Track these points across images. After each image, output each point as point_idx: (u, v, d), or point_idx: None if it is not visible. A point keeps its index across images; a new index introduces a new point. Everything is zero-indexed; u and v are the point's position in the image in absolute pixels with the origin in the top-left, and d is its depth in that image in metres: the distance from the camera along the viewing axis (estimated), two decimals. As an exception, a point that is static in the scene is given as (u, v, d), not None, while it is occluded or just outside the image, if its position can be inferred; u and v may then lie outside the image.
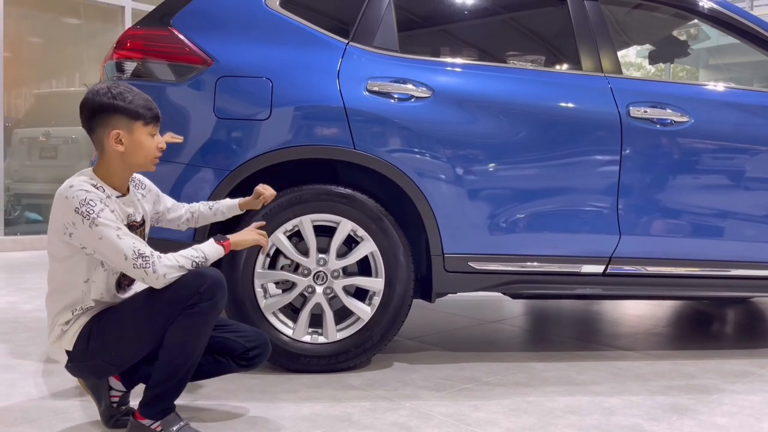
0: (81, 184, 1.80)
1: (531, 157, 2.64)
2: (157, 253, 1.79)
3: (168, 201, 2.19)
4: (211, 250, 1.90)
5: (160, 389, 1.83)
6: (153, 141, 1.89)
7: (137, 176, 2.07)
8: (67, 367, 1.92)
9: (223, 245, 1.94)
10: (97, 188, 1.82)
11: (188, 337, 1.81)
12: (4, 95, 6.10)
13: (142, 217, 2.00)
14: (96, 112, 1.84)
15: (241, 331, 2.08)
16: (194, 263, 1.84)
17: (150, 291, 1.84)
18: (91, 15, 7.40)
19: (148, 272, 1.77)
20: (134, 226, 1.94)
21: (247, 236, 2.05)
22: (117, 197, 1.88)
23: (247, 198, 2.35)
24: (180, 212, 2.22)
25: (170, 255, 1.82)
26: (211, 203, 2.31)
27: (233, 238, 1.99)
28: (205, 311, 1.81)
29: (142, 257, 1.76)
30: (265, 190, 2.29)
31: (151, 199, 2.10)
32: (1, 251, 5.98)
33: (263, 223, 2.23)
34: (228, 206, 2.32)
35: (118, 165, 1.87)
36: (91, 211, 1.75)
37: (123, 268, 1.79)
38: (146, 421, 1.84)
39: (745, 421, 2.20)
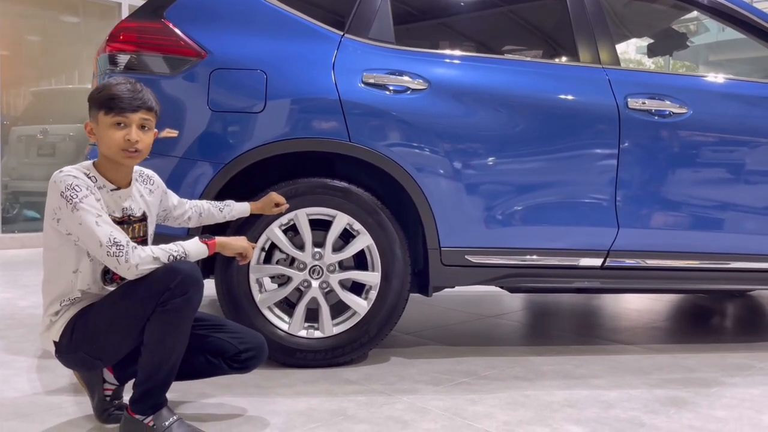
0: (71, 170, 1.80)
1: (528, 149, 2.62)
2: (133, 244, 1.77)
3: (174, 198, 2.17)
4: (193, 247, 1.88)
5: (147, 386, 1.81)
6: (118, 132, 1.80)
7: (146, 171, 2.05)
8: (56, 356, 1.91)
9: (207, 244, 1.92)
10: (89, 177, 1.81)
11: (166, 334, 1.78)
12: (1, 93, 6.08)
13: (144, 212, 1.97)
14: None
15: (236, 332, 2.04)
16: (171, 257, 1.80)
17: (126, 286, 1.82)
18: (88, 12, 7.38)
19: (121, 261, 1.74)
20: (131, 221, 1.91)
21: (235, 242, 2.03)
22: (112, 190, 1.86)
23: (258, 203, 2.38)
24: (184, 208, 2.21)
25: (147, 247, 1.80)
26: (220, 204, 2.30)
27: (220, 239, 1.98)
28: (179, 307, 1.76)
29: (117, 245, 1.74)
30: (281, 201, 2.39)
31: (158, 195, 2.07)
32: (-1, 249, 5.97)
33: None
34: (239, 210, 2.34)
35: (102, 157, 1.86)
36: (74, 196, 1.74)
37: (99, 256, 1.77)
38: (138, 417, 1.82)
39: (745, 414, 2.18)
